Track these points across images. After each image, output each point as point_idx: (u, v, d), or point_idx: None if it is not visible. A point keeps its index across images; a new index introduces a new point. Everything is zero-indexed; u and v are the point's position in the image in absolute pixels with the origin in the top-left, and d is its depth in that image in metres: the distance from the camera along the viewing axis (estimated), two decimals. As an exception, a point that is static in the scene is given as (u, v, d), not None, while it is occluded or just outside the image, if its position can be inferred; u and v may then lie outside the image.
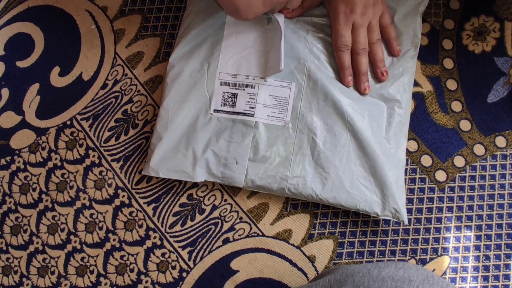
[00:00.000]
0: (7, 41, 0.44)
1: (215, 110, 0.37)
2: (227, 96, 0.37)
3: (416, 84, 0.42)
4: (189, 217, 0.39)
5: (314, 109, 0.36)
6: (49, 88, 0.42)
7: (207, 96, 0.37)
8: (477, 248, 0.39)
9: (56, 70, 0.43)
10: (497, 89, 0.42)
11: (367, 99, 0.37)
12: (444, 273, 0.38)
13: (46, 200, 0.40)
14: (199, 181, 0.37)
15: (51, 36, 0.43)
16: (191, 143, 0.37)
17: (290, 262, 0.38)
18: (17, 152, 0.41)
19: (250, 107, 0.36)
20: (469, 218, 0.39)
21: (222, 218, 0.39)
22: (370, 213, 0.36)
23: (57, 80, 0.42)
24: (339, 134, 0.36)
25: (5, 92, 0.43)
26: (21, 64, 0.43)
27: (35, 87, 0.42)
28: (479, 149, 0.41)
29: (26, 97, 0.42)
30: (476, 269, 0.39)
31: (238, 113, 0.36)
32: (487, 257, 0.39)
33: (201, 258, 0.38)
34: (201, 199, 0.40)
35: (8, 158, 0.41)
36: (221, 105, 0.37)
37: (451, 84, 0.42)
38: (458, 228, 0.39)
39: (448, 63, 0.42)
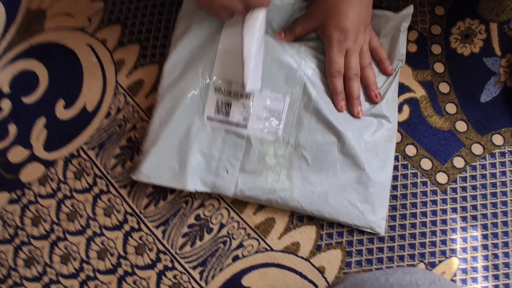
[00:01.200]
0: (12, 79, 0.46)
1: (208, 117, 0.37)
2: (221, 103, 0.37)
3: (409, 89, 0.43)
4: (198, 237, 0.40)
5: (306, 124, 0.37)
6: (55, 121, 0.44)
7: (201, 103, 0.37)
8: (485, 247, 0.39)
9: (61, 103, 0.44)
10: (489, 88, 0.43)
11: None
12: (454, 274, 0.39)
13: (58, 231, 0.41)
14: (190, 190, 0.37)
15: (54, 71, 0.45)
16: (183, 149, 0.37)
17: (300, 274, 0.39)
18: (27, 185, 0.42)
19: (244, 118, 0.37)
20: (474, 217, 0.40)
21: (230, 235, 0.40)
22: (351, 225, 0.38)
23: (62, 112, 0.44)
24: (327, 150, 0.37)
25: (13, 128, 0.44)
26: (27, 100, 0.45)
27: (42, 121, 0.44)
28: (477, 149, 0.41)
29: (33, 132, 0.44)
30: (486, 268, 0.39)
31: (231, 123, 0.37)
32: (496, 256, 0.39)
33: (213, 277, 0.39)
34: (208, 218, 0.40)
35: (19, 192, 0.42)
36: (215, 113, 0.37)
37: (444, 87, 0.43)
38: (464, 229, 0.40)
39: (439, 67, 0.43)
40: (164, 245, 0.40)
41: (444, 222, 0.40)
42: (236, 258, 0.39)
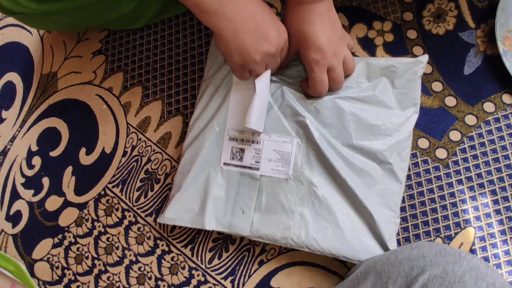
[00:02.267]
0: (38, 138, 0.51)
1: (224, 163, 0.41)
2: (236, 150, 0.40)
3: (394, 77, 0.45)
4: (223, 249, 0.43)
5: (315, 165, 0.39)
6: (81, 168, 0.49)
7: (218, 151, 0.41)
8: (498, 212, 0.40)
9: (83, 151, 0.49)
10: (470, 60, 0.44)
11: (363, 160, 0.39)
12: (473, 244, 0.40)
13: (99, 265, 0.45)
14: (208, 229, 0.40)
15: (72, 123, 0.51)
16: (203, 194, 0.40)
17: (323, 268, 0.41)
18: (66, 229, 0.47)
19: (256, 161, 0.40)
20: (481, 185, 0.41)
21: (253, 242, 0.43)
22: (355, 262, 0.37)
23: (85, 159, 0.49)
24: (337, 190, 0.38)
25: (46, 180, 0.49)
26: (54, 153, 0.50)
27: (69, 169, 0.49)
28: (470, 120, 0.43)
29: (63, 180, 0.49)
30: (503, 232, 0.40)
31: (245, 167, 0.40)
32: (510, 218, 0.40)
33: (243, 284, 0.42)
34: (230, 230, 0.44)
35: (60, 236, 0.47)
36: (230, 159, 0.41)
37: (426, 68, 0.45)
38: (473, 198, 0.41)
39: (418, 50, 0.45)
40: (194, 261, 0.43)
41: (452, 195, 0.41)
42: (261, 263, 0.42)
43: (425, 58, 0.40)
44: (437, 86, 0.44)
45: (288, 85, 0.41)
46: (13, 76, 0.55)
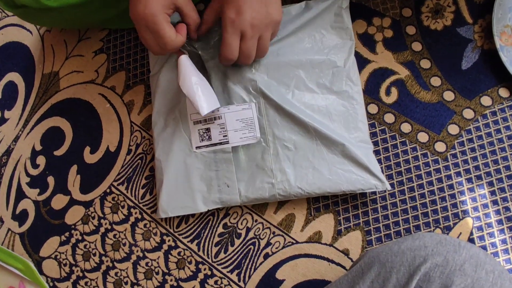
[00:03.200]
0: (41, 137, 0.52)
1: (196, 147, 0.42)
2: (202, 132, 0.42)
3: (393, 72, 0.46)
4: (229, 243, 0.44)
5: (278, 121, 0.41)
6: (85, 166, 0.49)
7: (187, 138, 0.43)
8: (495, 202, 0.42)
9: (87, 149, 0.50)
10: (467, 55, 0.45)
11: (320, 97, 0.42)
12: (471, 233, 0.41)
13: (107, 261, 0.46)
14: (203, 211, 0.42)
15: (76, 122, 0.51)
16: (185, 181, 0.42)
17: (327, 259, 0.42)
18: (72, 227, 0.48)
19: (224, 136, 0.42)
20: (479, 177, 0.42)
21: (258, 236, 0.44)
22: (356, 191, 0.40)
23: (90, 157, 0.50)
24: (304, 135, 0.41)
25: (51, 179, 0.50)
26: (58, 152, 0.51)
27: (74, 168, 0.50)
28: (468, 113, 0.44)
29: (69, 179, 0.49)
30: (500, 222, 0.41)
31: (215, 144, 0.42)
32: (507, 208, 0.41)
33: (249, 277, 0.43)
34: (235, 225, 0.44)
35: (67, 234, 0.48)
36: (200, 141, 0.42)
37: (425, 64, 0.46)
38: (471, 189, 0.42)
39: (417, 46, 0.46)
40: (201, 256, 0.44)
41: (451, 186, 0.42)
42: (266, 256, 0.43)
43: None
44: (435, 81, 0.45)
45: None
46: (14, 76, 0.55)
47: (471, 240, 0.41)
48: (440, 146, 0.44)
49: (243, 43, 0.36)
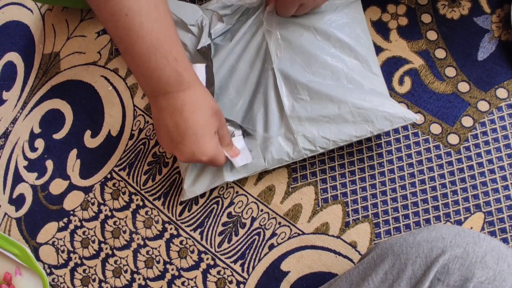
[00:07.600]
0: (40, 119, 0.50)
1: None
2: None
3: (407, 61, 0.44)
4: (233, 233, 0.43)
5: (294, 98, 0.40)
6: (86, 150, 0.48)
7: None
8: (508, 197, 0.40)
9: (88, 133, 0.48)
10: (484, 46, 0.44)
11: (327, 60, 0.40)
12: (482, 228, 0.40)
13: (106, 248, 0.45)
14: (230, 180, 0.41)
15: (76, 105, 0.49)
16: None
17: (334, 252, 0.41)
18: (71, 212, 0.46)
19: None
20: (492, 171, 0.41)
21: (263, 227, 0.42)
22: (384, 129, 0.38)
23: (90, 142, 0.48)
24: (319, 88, 0.40)
25: (50, 163, 0.48)
26: (57, 136, 0.49)
27: (74, 152, 0.48)
28: (483, 106, 0.43)
29: (68, 163, 0.48)
30: (511, 218, 0.40)
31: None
32: (520, 204, 0.40)
33: (253, 268, 0.42)
34: (240, 214, 0.43)
35: (65, 220, 0.46)
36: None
37: (440, 53, 0.44)
38: (484, 183, 0.41)
39: (432, 35, 0.45)
40: (203, 245, 0.43)
41: (463, 180, 0.41)
42: (272, 247, 0.42)
43: None
44: (450, 72, 0.44)
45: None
46: (13, 56, 0.53)
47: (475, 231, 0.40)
48: (453, 139, 0.42)
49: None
